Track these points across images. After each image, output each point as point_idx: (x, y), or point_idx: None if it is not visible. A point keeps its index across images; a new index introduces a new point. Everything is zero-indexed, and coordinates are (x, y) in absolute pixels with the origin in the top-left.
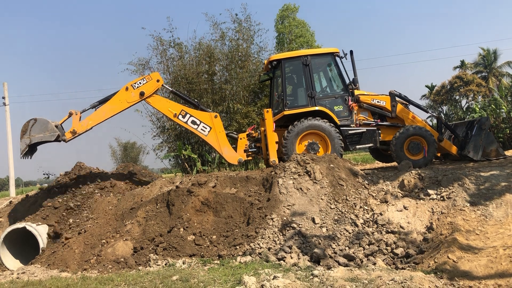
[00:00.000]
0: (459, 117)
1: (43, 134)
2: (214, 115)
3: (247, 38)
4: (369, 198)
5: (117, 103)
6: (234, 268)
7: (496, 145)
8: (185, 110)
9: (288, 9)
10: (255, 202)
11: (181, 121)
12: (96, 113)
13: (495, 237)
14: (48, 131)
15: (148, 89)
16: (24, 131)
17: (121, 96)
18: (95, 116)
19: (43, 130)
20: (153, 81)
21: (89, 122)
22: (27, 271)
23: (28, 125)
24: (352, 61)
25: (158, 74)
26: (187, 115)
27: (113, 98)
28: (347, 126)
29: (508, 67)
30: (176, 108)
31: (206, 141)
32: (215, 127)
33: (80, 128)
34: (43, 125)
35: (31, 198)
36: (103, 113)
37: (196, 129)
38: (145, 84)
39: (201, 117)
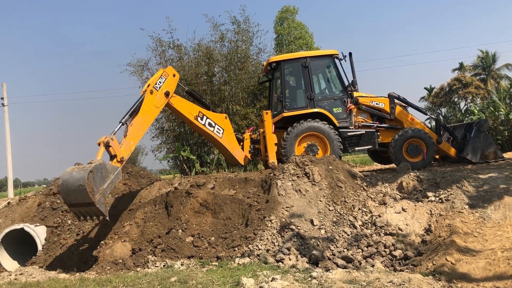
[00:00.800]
0: (457, 119)
1: (109, 180)
2: (224, 116)
3: (246, 39)
4: (368, 200)
5: (148, 111)
6: (233, 270)
7: (495, 147)
8: (202, 111)
9: (288, 10)
10: (254, 203)
11: (200, 123)
12: (132, 131)
13: (493, 239)
14: (110, 172)
15: (170, 87)
16: (91, 191)
17: (149, 102)
18: (133, 134)
19: (106, 176)
20: (171, 76)
21: (130, 143)
22: (25, 272)
23: (90, 181)
24: (351, 63)
25: (172, 68)
26: (204, 117)
27: (142, 108)
28: (346, 128)
29: (507, 69)
30: (195, 109)
31: (220, 143)
32: (226, 128)
33: (125, 153)
34: (101, 169)
35: (29, 199)
36: (140, 128)
37: (212, 131)
38: (165, 82)
39: (215, 119)
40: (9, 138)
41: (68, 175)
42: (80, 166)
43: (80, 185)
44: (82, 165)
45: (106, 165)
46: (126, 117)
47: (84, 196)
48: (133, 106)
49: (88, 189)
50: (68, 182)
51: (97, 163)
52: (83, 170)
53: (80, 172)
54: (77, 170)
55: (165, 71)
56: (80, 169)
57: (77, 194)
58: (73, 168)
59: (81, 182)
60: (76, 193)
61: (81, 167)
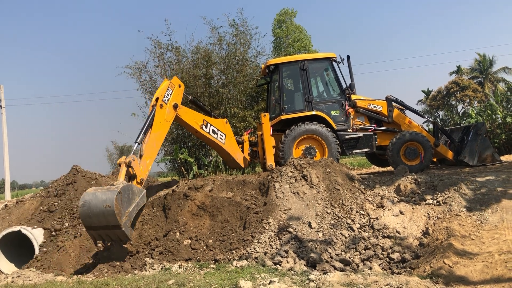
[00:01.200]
0: (455, 122)
1: (135, 202)
2: (225, 121)
3: (244, 42)
4: (366, 202)
5: (160, 127)
6: (230, 273)
7: (492, 150)
8: (206, 119)
9: (286, 13)
10: (252, 206)
11: (205, 131)
12: (147, 148)
13: (491, 242)
14: (136, 195)
15: (178, 99)
16: (119, 213)
17: (161, 117)
18: (148, 152)
19: (132, 198)
20: (177, 88)
21: (147, 162)
22: (22, 275)
23: (118, 203)
24: (349, 66)
25: (177, 78)
26: (208, 124)
27: (155, 124)
28: (343, 131)
29: (504, 72)
30: (200, 119)
31: (223, 148)
32: (228, 133)
33: (144, 173)
34: (128, 191)
35: (26, 202)
36: (154, 145)
37: (216, 138)
38: (173, 95)
39: (217, 125)
40: (6, 140)
41: (91, 196)
42: (103, 187)
43: (107, 206)
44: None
45: (132, 187)
46: (140, 136)
47: (110, 218)
48: (145, 123)
49: (116, 211)
50: (91, 203)
51: (124, 184)
52: (110, 191)
53: (107, 193)
54: (101, 191)
55: (171, 83)
56: (105, 190)
57: (102, 216)
58: (95, 188)
59: (108, 203)
60: (100, 215)
61: (105, 188)
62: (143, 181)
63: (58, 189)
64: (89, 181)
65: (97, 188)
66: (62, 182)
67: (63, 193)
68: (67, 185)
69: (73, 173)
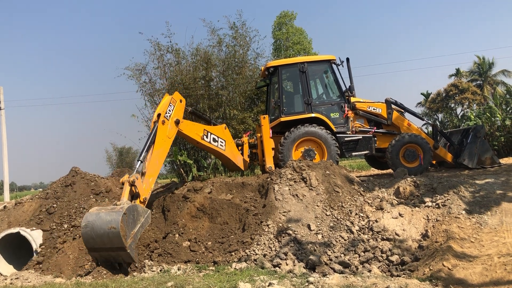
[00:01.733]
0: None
1: (140, 223)
2: (224, 127)
3: (243, 44)
4: (365, 205)
5: (162, 144)
6: (230, 275)
7: (491, 153)
8: (206, 129)
9: (286, 16)
10: (251, 208)
11: (206, 142)
12: (150, 167)
13: (490, 245)
14: (141, 215)
15: (179, 115)
16: (124, 234)
17: (163, 134)
18: (151, 170)
19: (137, 219)
20: (178, 103)
21: (149, 181)
22: (21, 277)
23: (123, 224)
24: (349, 68)
25: (178, 93)
26: (208, 134)
27: (157, 141)
28: (343, 133)
29: (503, 75)
30: (200, 129)
31: (224, 155)
32: (227, 139)
33: (147, 192)
34: (133, 211)
35: (25, 203)
36: (157, 162)
37: (217, 146)
38: (174, 110)
39: (217, 133)
40: (5, 141)
41: (95, 216)
42: (106, 207)
43: (113, 227)
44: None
45: (137, 207)
46: (143, 154)
47: (115, 240)
48: (147, 140)
49: (122, 233)
50: (95, 224)
51: (129, 205)
52: (115, 212)
53: (111, 214)
54: (105, 211)
55: (172, 98)
56: (109, 211)
57: (106, 238)
58: (98, 209)
59: (113, 225)
60: (104, 236)
61: (109, 208)
62: (146, 200)
63: (57, 190)
64: (88, 182)
65: (101, 208)
66: (61, 183)
67: (62, 195)
68: (66, 187)
69: (72, 175)
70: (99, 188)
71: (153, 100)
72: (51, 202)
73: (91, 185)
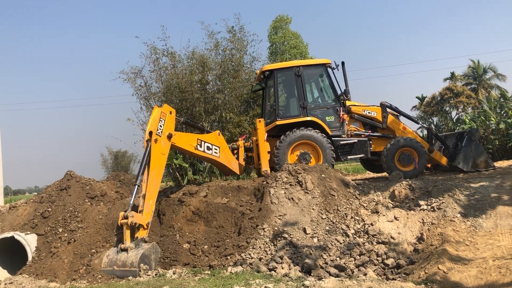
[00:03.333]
0: (449, 128)
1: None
2: (217, 133)
3: (240, 48)
4: (360, 208)
5: (158, 162)
6: (225, 279)
7: (486, 156)
8: (200, 138)
9: (282, 20)
10: (247, 212)
11: (200, 151)
12: (149, 189)
13: (485, 248)
14: (151, 256)
15: (171, 127)
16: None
17: (157, 152)
18: (150, 193)
19: (149, 261)
20: (169, 116)
21: (150, 203)
22: (15, 281)
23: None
24: (344, 72)
25: (167, 105)
26: (202, 142)
27: (152, 161)
28: (338, 137)
29: (497, 79)
30: (193, 140)
31: (219, 162)
32: (221, 145)
33: (148, 216)
34: (144, 260)
35: (20, 207)
36: (155, 183)
37: (211, 154)
38: (165, 125)
39: (211, 140)
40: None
41: (110, 273)
42: (117, 262)
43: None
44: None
45: (145, 253)
46: (139, 178)
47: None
48: (142, 162)
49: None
50: (113, 275)
51: (138, 259)
52: (130, 271)
53: (126, 273)
54: (118, 269)
55: (162, 112)
56: (123, 270)
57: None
58: (109, 264)
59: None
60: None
61: (119, 264)
62: (149, 224)
63: (52, 194)
64: (83, 186)
65: (112, 265)
66: (56, 187)
67: (57, 199)
68: (61, 191)
69: (67, 179)
70: (94, 192)
71: (148, 104)
72: (46, 206)
73: (86, 189)
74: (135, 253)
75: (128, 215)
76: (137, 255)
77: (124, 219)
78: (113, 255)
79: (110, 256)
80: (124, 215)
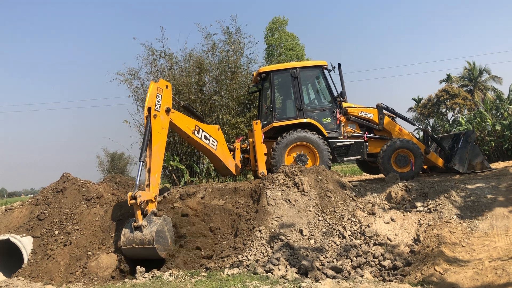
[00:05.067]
0: (445, 130)
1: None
2: (217, 128)
3: (237, 50)
4: (357, 210)
5: (159, 137)
6: (222, 281)
7: (482, 157)
8: (198, 125)
9: (278, 21)
10: (243, 213)
11: (197, 137)
12: (153, 163)
13: (481, 249)
14: (165, 228)
15: (168, 102)
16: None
17: (157, 127)
18: (155, 167)
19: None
20: (165, 90)
21: (155, 176)
22: (11, 284)
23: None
24: (340, 74)
25: (163, 79)
26: (200, 130)
27: (153, 136)
28: (335, 138)
29: (493, 81)
30: (192, 124)
31: (215, 155)
32: (219, 139)
33: (154, 190)
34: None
35: (15, 209)
36: (158, 157)
37: (208, 144)
38: (163, 99)
39: (209, 131)
40: None
41: (131, 252)
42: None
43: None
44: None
45: (158, 229)
46: (143, 154)
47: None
48: (143, 139)
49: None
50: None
51: (153, 235)
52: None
53: (148, 250)
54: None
55: (158, 87)
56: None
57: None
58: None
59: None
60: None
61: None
62: (156, 196)
63: (48, 196)
64: (79, 188)
65: (131, 243)
66: (52, 189)
67: (53, 201)
68: (57, 193)
69: (63, 181)
70: (90, 194)
71: None
72: (41, 208)
73: (82, 191)
74: (150, 230)
75: (135, 195)
76: (152, 232)
77: (132, 199)
78: (129, 234)
79: (126, 235)
80: (132, 195)
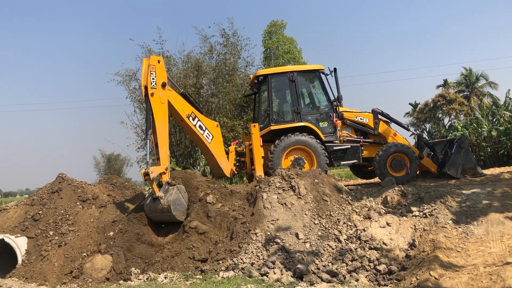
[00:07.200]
0: (441, 135)
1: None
2: (216, 124)
3: (234, 52)
4: (353, 214)
5: (160, 113)
6: (217, 283)
7: (474, 163)
8: (195, 112)
9: (276, 25)
10: (239, 216)
11: (191, 123)
12: (160, 138)
13: (476, 254)
14: (181, 195)
15: (163, 76)
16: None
17: (157, 104)
18: (162, 140)
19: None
20: (158, 65)
21: (164, 149)
22: (4, 285)
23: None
24: (336, 78)
25: (154, 55)
26: (196, 118)
27: (155, 113)
28: (331, 142)
29: (489, 87)
30: (188, 108)
31: (208, 148)
32: (216, 136)
33: (164, 162)
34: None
35: (10, 210)
36: (163, 132)
37: (202, 135)
38: (157, 75)
39: (206, 124)
40: None
41: (156, 218)
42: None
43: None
44: None
45: (174, 198)
46: (148, 132)
47: (175, 219)
48: (146, 119)
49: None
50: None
51: (170, 203)
52: (169, 216)
53: (169, 217)
54: (159, 215)
55: (150, 64)
56: (162, 215)
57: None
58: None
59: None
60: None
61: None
62: (168, 168)
63: (43, 197)
64: (75, 189)
65: (153, 211)
66: (48, 190)
67: (48, 201)
68: (53, 193)
69: (59, 181)
70: (86, 195)
71: (142, 107)
72: (36, 209)
73: (77, 191)
74: (166, 200)
75: (148, 172)
76: (168, 202)
77: (146, 175)
78: (150, 204)
79: (149, 205)
80: (145, 172)
